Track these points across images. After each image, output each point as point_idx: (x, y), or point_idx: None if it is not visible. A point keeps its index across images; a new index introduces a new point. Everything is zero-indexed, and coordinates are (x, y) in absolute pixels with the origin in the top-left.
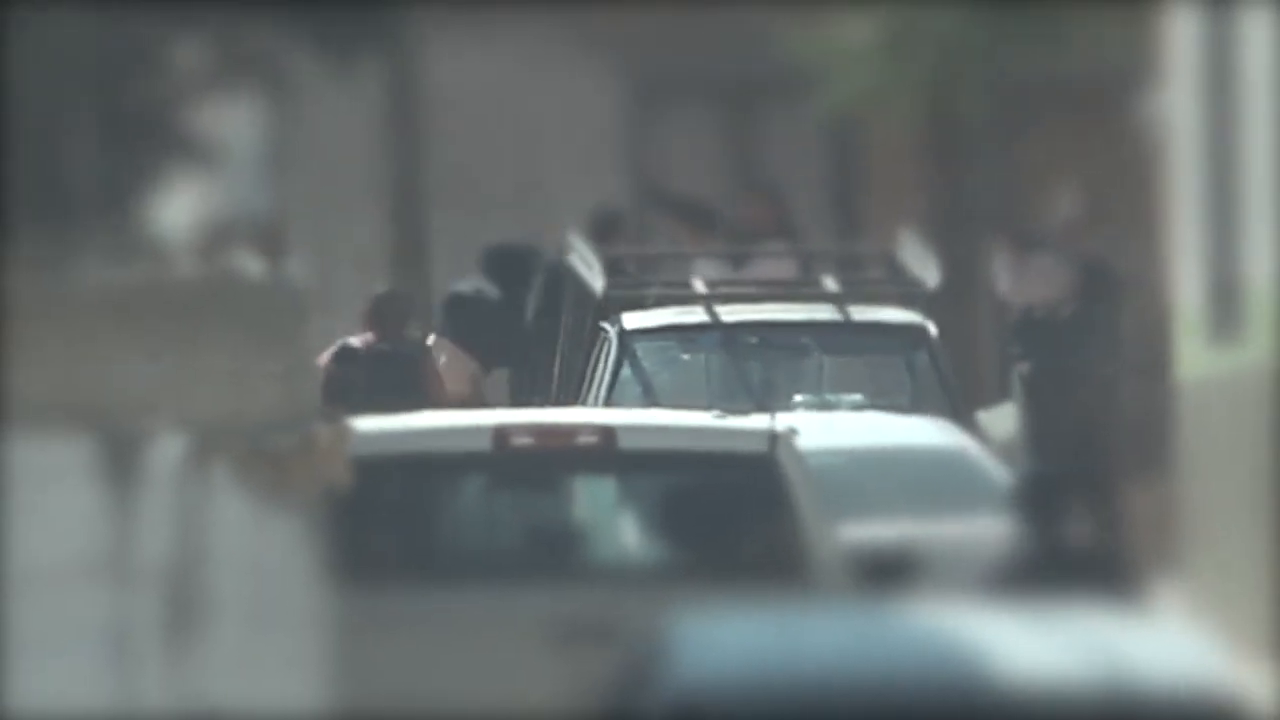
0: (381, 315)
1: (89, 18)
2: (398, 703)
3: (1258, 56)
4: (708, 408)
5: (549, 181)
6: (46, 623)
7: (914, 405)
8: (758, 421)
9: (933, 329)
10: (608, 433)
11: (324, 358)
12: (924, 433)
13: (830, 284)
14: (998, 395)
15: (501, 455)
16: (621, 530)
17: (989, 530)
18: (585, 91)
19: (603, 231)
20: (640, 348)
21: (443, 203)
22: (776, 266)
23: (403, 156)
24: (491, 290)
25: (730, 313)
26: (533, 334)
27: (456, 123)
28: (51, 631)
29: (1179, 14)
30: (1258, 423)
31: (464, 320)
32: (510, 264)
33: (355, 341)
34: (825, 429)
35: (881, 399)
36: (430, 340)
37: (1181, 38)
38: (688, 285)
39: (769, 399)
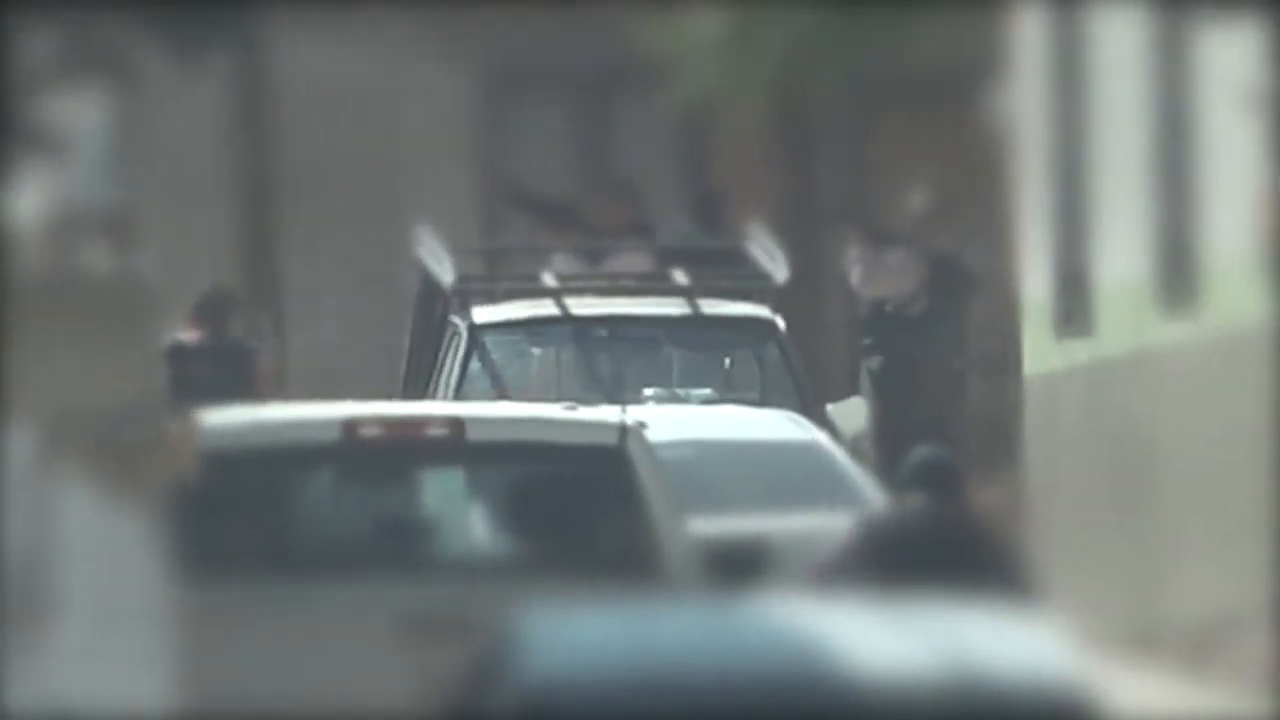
0: (206, 312)
1: None
2: (246, 697)
3: (1105, 52)
4: (558, 401)
5: (402, 176)
6: None
7: (763, 399)
8: (607, 414)
9: (781, 323)
10: (457, 424)
11: None
12: (774, 426)
13: (680, 278)
14: (847, 389)
15: (351, 447)
16: (471, 523)
17: (841, 524)
18: (438, 85)
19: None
20: (490, 341)
21: (294, 197)
22: (631, 261)
23: (253, 151)
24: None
25: (580, 306)
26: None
27: (308, 117)
28: None
29: (1026, 10)
30: (1107, 417)
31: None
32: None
33: (185, 338)
34: (675, 422)
35: (731, 392)
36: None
37: (1028, 34)
38: (538, 279)
39: (619, 392)
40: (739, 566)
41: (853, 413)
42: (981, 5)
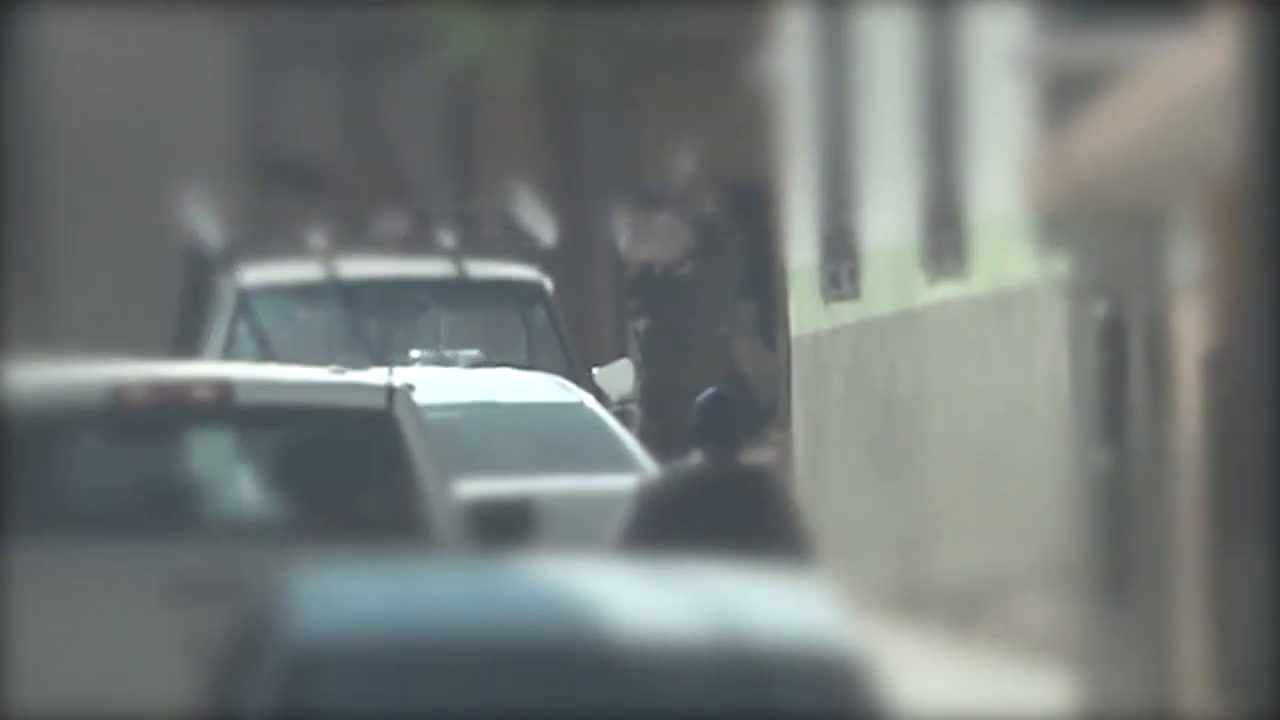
0: None
1: None
2: (15, 660)
3: (872, 17)
4: (326, 364)
5: (168, 142)
6: None
7: (531, 361)
8: (375, 377)
9: (549, 285)
10: (224, 387)
11: None
12: (542, 388)
13: (447, 240)
14: (614, 353)
15: (119, 410)
16: (239, 485)
17: (608, 484)
18: (203, 51)
19: None
20: (257, 304)
21: (60, 163)
22: (395, 225)
23: (16, 117)
24: None
25: (348, 269)
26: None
27: (73, 83)
28: None
29: None
30: (873, 379)
31: None
32: None
33: None
34: (443, 385)
35: (498, 355)
36: None
37: None
38: (304, 242)
39: (387, 355)
40: (506, 527)
41: (620, 375)
42: None
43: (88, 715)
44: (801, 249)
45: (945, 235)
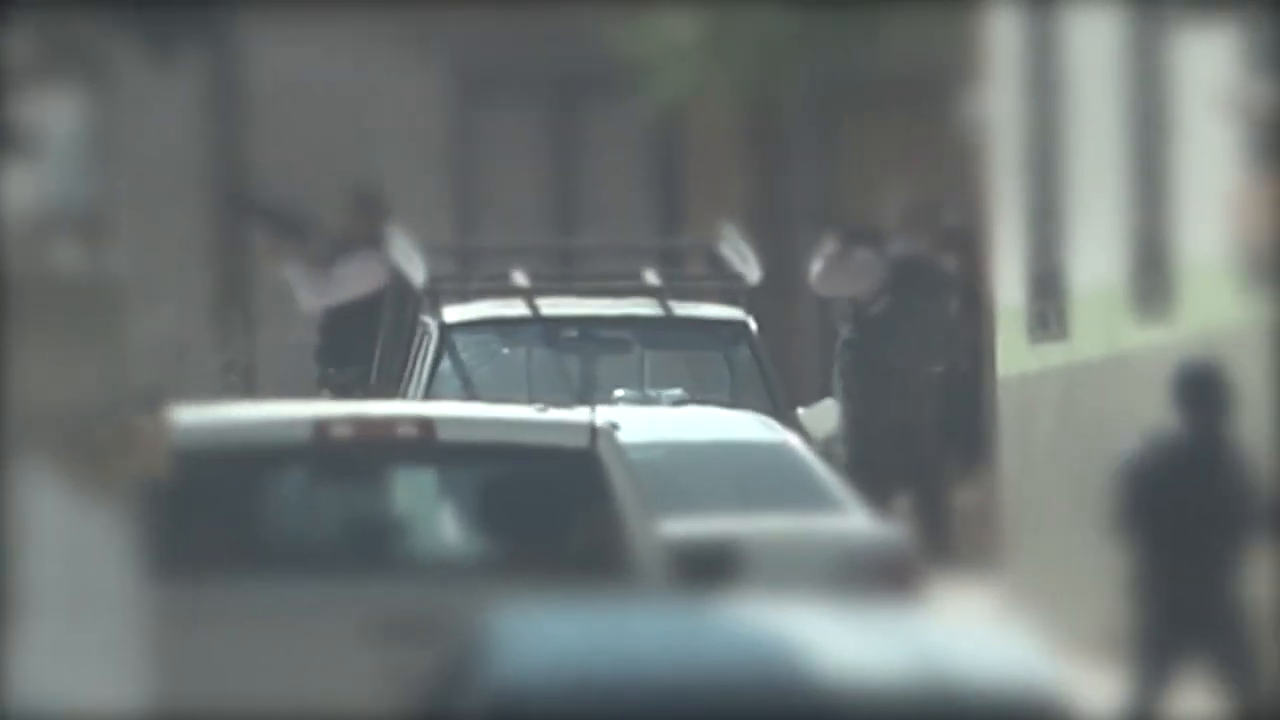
0: None
1: None
2: (216, 697)
3: (1080, 54)
4: (529, 402)
5: (373, 176)
6: None
7: (734, 400)
8: (579, 415)
9: (753, 324)
10: (427, 425)
11: None
12: (746, 427)
13: (651, 278)
14: (818, 392)
15: (321, 447)
16: (441, 524)
17: (813, 525)
18: (409, 84)
19: None
20: (460, 341)
21: (266, 196)
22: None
23: (226, 150)
24: None
25: (552, 306)
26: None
27: (281, 116)
28: None
29: (1000, 11)
30: (1081, 421)
31: None
32: None
33: None
34: (646, 423)
35: (702, 394)
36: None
37: (1003, 35)
38: (509, 278)
39: (590, 393)
40: (709, 568)
41: (824, 415)
42: (955, 6)
43: None
44: (1008, 288)
45: (1152, 276)
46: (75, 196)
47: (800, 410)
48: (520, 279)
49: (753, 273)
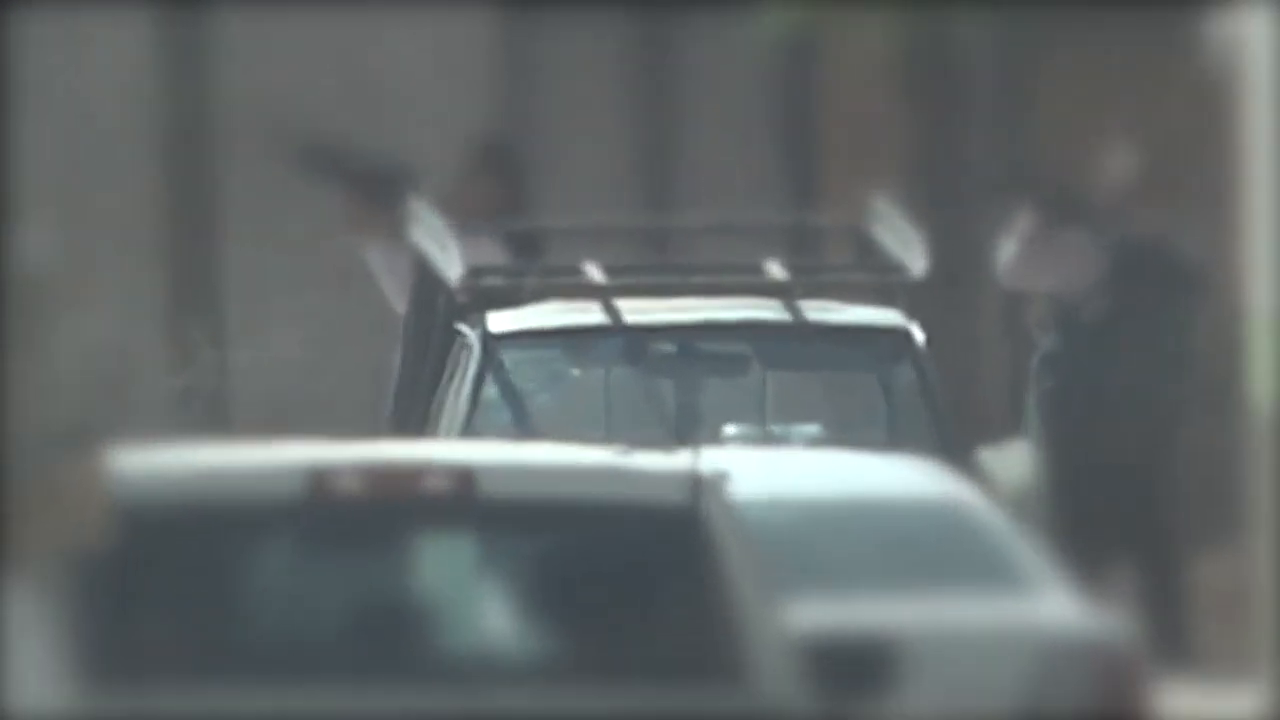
0: None
1: None
2: None
3: None
4: (606, 442)
5: (386, 128)
6: None
7: (892, 440)
8: (675, 461)
9: (918, 334)
10: (465, 475)
11: None
12: (906, 478)
13: (777, 271)
14: (1007, 427)
15: (318, 506)
16: (482, 613)
17: (998, 615)
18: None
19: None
20: (511, 358)
21: (244, 152)
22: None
23: (184, 91)
24: None
25: (638, 311)
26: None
27: (255, 58)
28: None
29: None
30: None
31: None
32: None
33: None
34: (770, 473)
35: (848, 431)
36: None
37: None
38: (580, 273)
39: (691, 430)
40: (857, 673)
41: (1015, 459)
42: None
43: None
44: (1263, 284)
45: None
46: None
47: (983, 452)
48: (594, 273)
49: (917, 262)
